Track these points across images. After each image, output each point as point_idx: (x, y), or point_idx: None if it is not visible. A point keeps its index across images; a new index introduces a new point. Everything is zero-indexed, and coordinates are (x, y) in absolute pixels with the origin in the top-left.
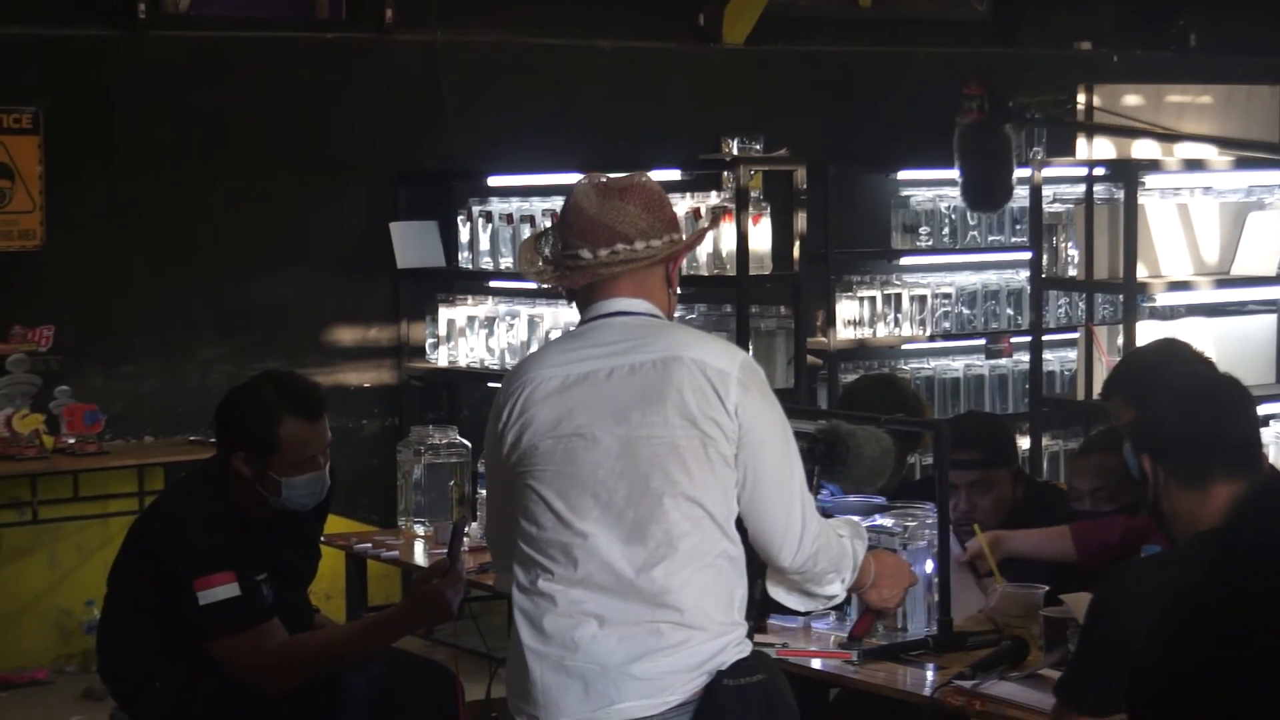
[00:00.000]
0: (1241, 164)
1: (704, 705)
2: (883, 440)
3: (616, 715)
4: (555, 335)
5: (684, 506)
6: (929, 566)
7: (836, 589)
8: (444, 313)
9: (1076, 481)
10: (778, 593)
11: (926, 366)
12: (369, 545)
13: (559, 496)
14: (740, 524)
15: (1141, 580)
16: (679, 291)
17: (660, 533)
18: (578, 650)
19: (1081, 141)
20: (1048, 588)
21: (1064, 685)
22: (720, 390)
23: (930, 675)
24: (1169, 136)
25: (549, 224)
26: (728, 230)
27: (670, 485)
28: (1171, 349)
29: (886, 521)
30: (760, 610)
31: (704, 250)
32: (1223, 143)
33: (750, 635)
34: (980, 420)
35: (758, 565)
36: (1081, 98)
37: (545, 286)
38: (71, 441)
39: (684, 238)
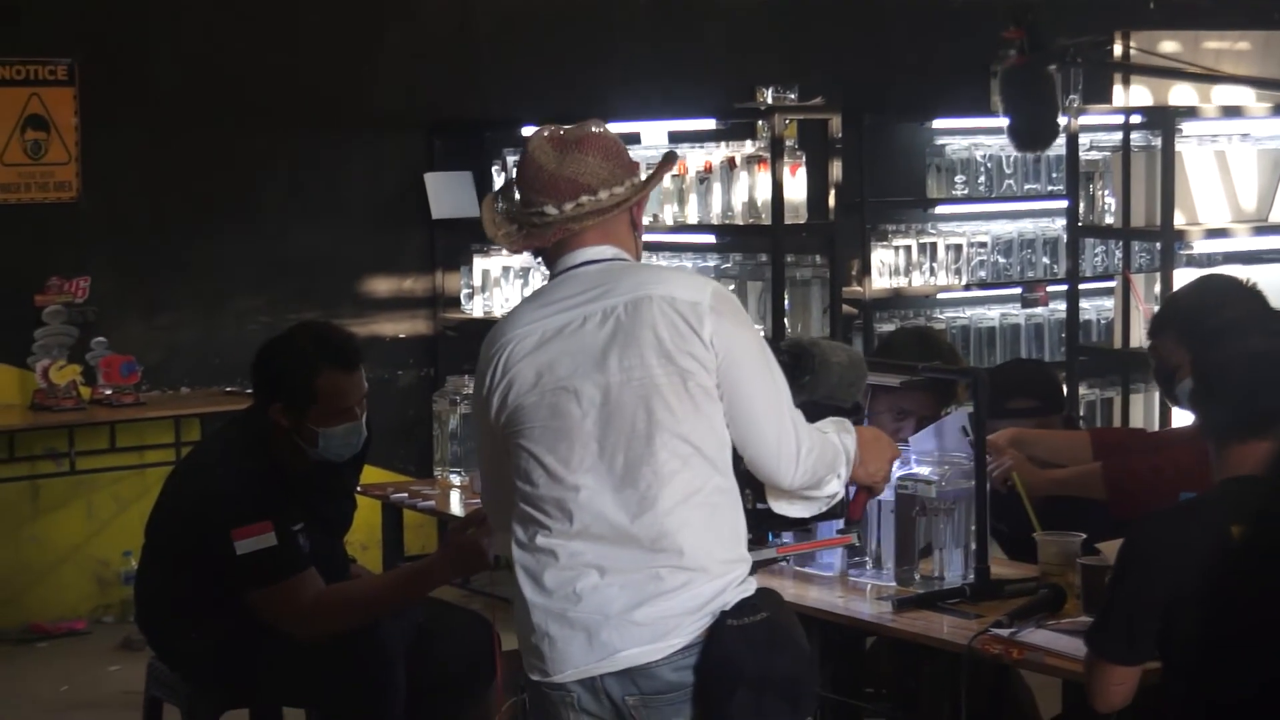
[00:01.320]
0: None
1: (708, 647)
2: (850, 350)
3: (621, 662)
4: None
5: (672, 444)
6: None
7: (835, 487)
8: (479, 263)
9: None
10: (779, 505)
11: (962, 315)
12: (405, 495)
13: (549, 451)
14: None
15: (1172, 528)
16: (642, 233)
17: (650, 474)
18: (580, 601)
19: (1118, 89)
20: (1084, 535)
21: (1095, 633)
22: (693, 322)
23: (968, 623)
24: (1208, 78)
25: (507, 187)
26: (763, 179)
27: (655, 426)
28: (1220, 284)
29: (924, 469)
30: (757, 531)
31: (739, 199)
32: (1265, 84)
33: (753, 571)
34: (1030, 367)
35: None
36: (1119, 43)
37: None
38: (108, 392)
39: (643, 179)
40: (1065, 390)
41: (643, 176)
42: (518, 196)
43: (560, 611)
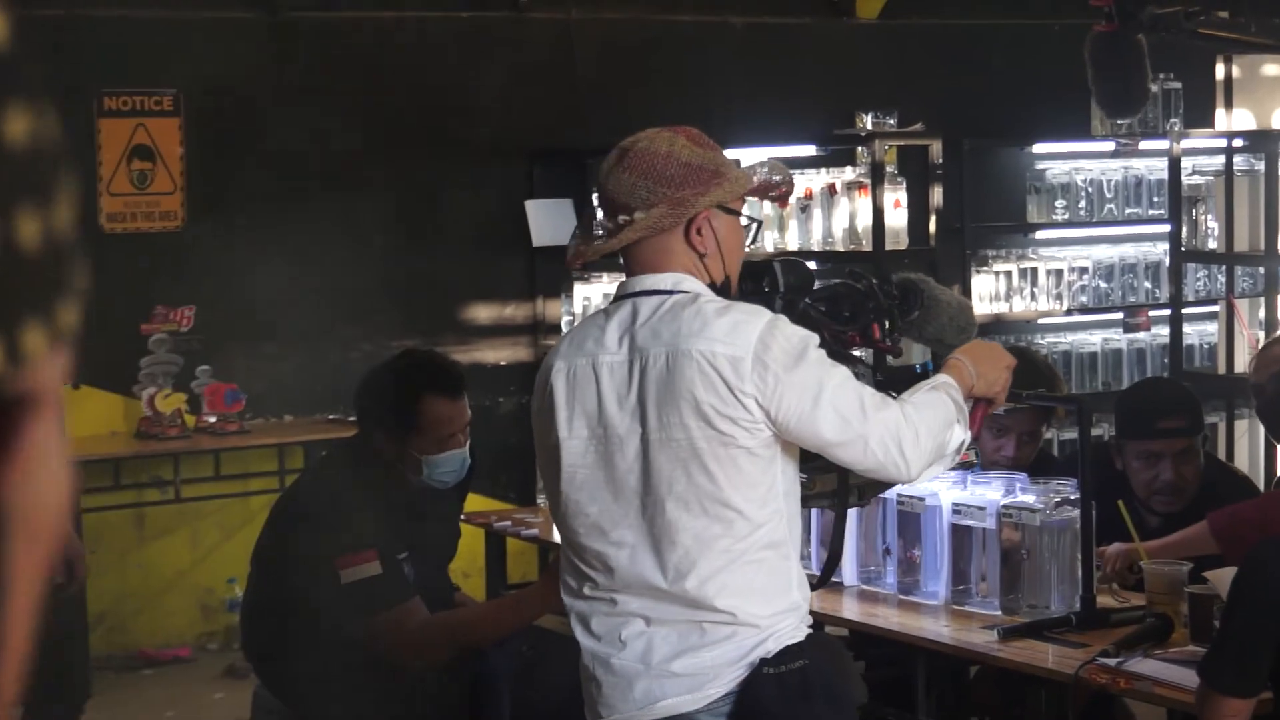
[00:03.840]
0: None
1: (742, 694)
2: (959, 296)
3: (660, 711)
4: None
5: (713, 509)
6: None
7: (959, 435)
8: (579, 290)
9: (1257, 378)
10: (920, 482)
11: (1064, 341)
12: (508, 523)
13: (592, 501)
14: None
15: None
16: (710, 252)
17: (690, 538)
18: (624, 649)
19: (1220, 112)
20: (1192, 564)
21: (1207, 664)
22: (734, 384)
23: (1074, 653)
24: None
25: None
26: (863, 205)
27: (694, 490)
28: None
29: (1029, 497)
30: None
31: (840, 225)
32: None
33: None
34: (1176, 386)
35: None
36: (1220, 68)
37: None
38: (212, 421)
39: (698, 193)
40: None
41: (705, 190)
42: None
43: (606, 657)
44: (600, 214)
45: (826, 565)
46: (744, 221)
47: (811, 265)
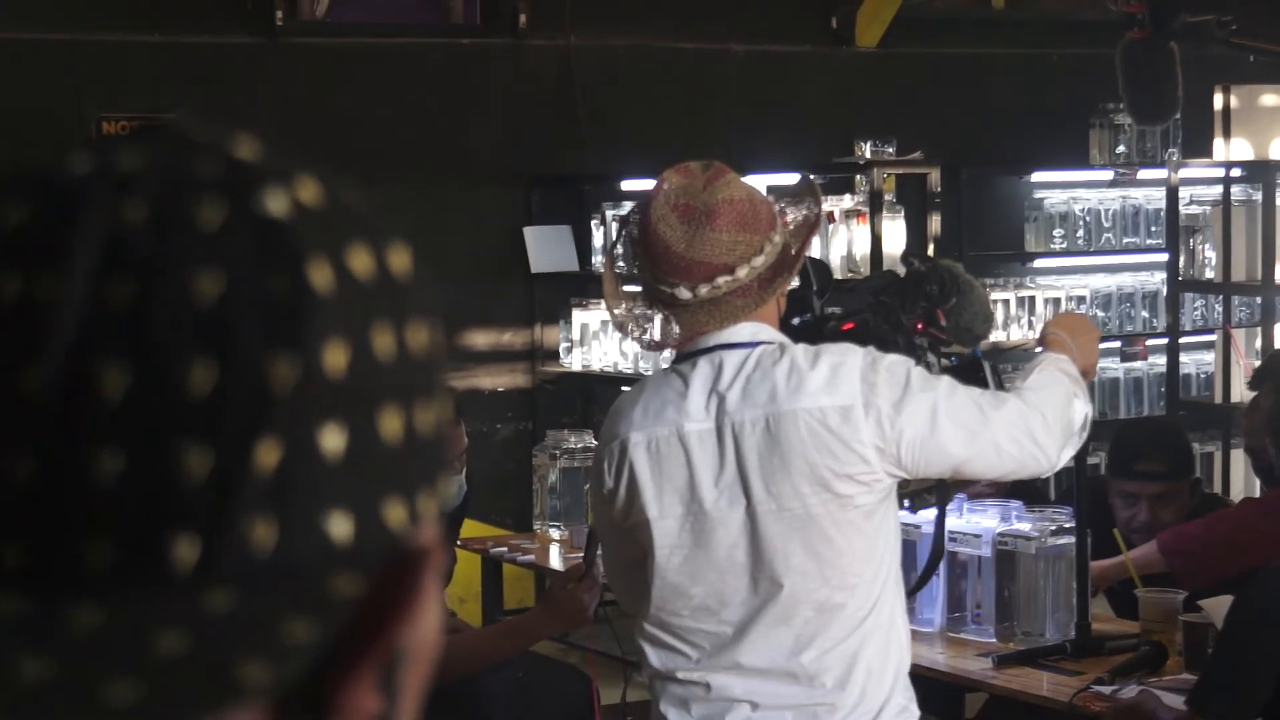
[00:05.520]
0: None
1: None
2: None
3: None
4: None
5: (834, 578)
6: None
7: (1081, 409)
8: (577, 316)
9: (1251, 423)
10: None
11: None
12: (505, 549)
13: (695, 582)
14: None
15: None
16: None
17: (809, 611)
18: None
19: (1219, 141)
20: (1187, 593)
21: (1196, 694)
22: (849, 438)
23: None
24: None
25: (617, 246)
26: (861, 233)
27: (813, 559)
28: None
29: (1024, 525)
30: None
31: (838, 253)
32: None
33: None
34: (1161, 426)
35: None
36: (1218, 97)
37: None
38: None
39: (783, 236)
40: None
41: (781, 232)
42: (644, 269)
43: None
44: (668, 279)
45: (929, 563)
46: None
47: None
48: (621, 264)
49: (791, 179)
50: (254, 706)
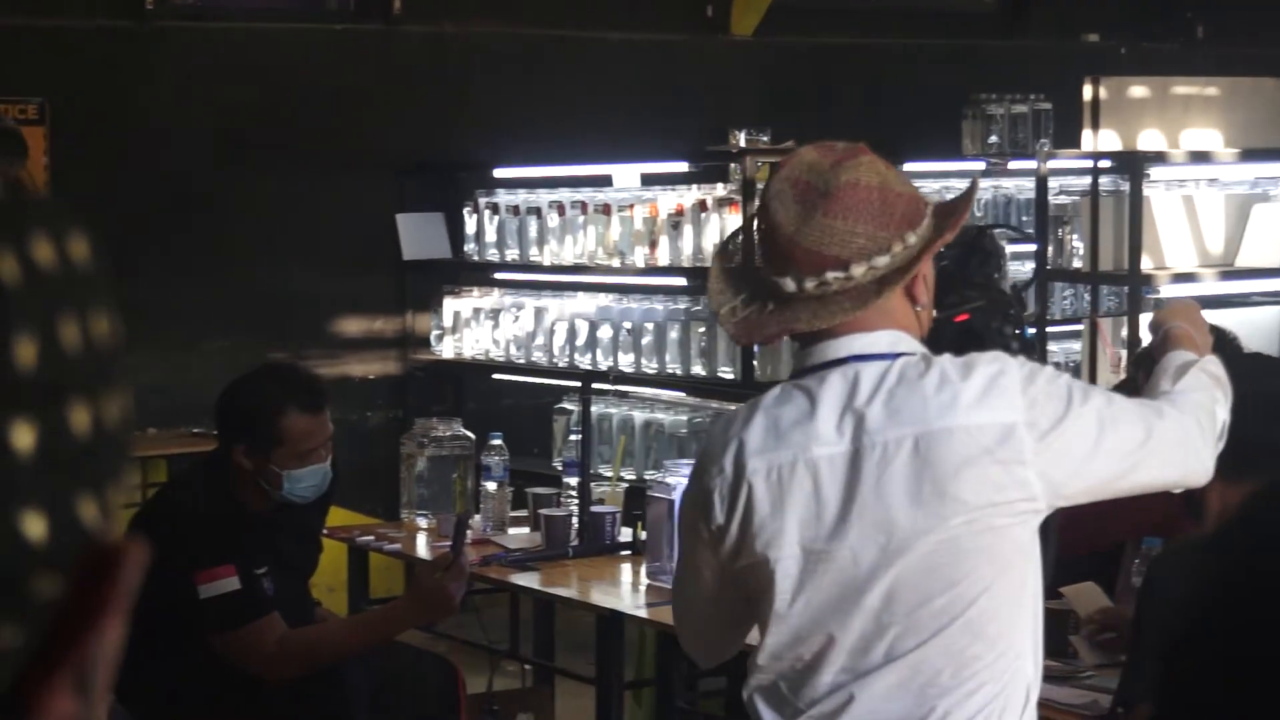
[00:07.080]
0: (1247, 156)
1: None
2: None
3: None
4: (563, 327)
5: (977, 625)
6: None
7: (1222, 413)
8: (449, 304)
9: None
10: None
11: None
12: (371, 538)
13: (818, 627)
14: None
15: (1179, 569)
16: (925, 302)
17: (948, 662)
18: None
19: (1087, 133)
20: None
21: (1122, 686)
22: (1012, 462)
23: None
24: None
25: (739, 234)
26: (733, 222)
27: (960, 602)
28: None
29: None
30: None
31: (710, 241)
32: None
33: None
34: None
35: None
36: (1088, 89)
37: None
38: None
39: (923, 234)
40: None
41: (924, 228)
42: (755, 255)
43: None
44: (774, 265)
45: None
46: None
47: (681, 281)
48: (734, 259)
49: (665, 168)
50: None
